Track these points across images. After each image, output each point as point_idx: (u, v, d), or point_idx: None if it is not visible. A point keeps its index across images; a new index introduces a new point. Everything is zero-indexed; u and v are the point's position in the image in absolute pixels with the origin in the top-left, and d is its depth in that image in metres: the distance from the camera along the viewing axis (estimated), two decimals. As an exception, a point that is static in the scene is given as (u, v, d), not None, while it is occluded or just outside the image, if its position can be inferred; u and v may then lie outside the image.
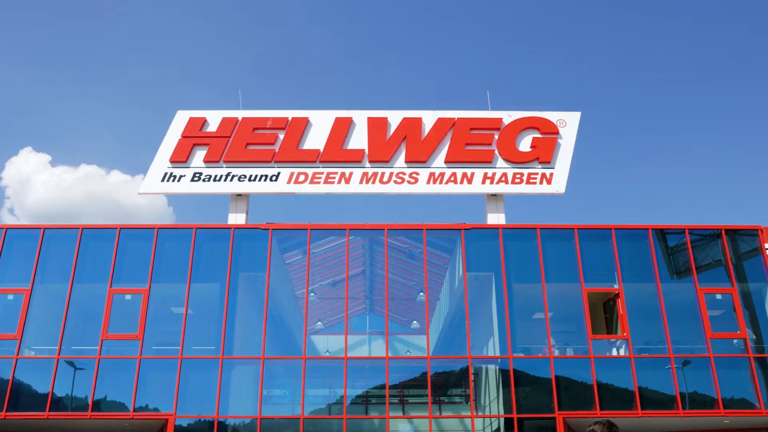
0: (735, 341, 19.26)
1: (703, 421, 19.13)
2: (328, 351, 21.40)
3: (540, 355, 19.19)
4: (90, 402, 17.82)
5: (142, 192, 20.69)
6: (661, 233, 20.35)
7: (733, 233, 20.45)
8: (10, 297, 18.77)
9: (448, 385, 20.64)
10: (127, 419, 17.95)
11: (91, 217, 63.34)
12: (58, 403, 17.88)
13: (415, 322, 22.19)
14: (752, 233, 20.41)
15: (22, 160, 64.05)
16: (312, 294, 21.14)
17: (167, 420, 17.77)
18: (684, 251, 20.14)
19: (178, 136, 20.99)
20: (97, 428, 19.29)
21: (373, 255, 22.23)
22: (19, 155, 64.50)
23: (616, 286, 19.67)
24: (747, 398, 18.56)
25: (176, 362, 18.33)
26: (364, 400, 19.78)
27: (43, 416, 17.66)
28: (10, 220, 63.08)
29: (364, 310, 23.71)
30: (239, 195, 20.76)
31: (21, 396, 18.00)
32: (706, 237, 20.46)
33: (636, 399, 18.32)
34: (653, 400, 18.54)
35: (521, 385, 18.83)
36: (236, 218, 20.58)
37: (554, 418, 18.16)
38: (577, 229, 20.13)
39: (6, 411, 17.55)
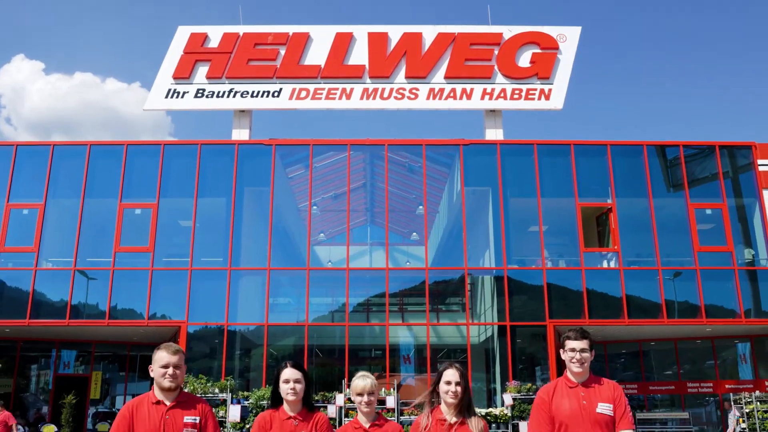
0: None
1: (686, 329, 20.18)
2: (330, 261, 22.26)
3: (533, 266, 20.03)
4: (107, 310, 18.90)
5: (147, 108, 21.03)
6: (656, 149, 20.72)
7: (727, 149, 20.82)
8: (25, 212, 19.52)
9: (445, 294, 21.63)
10: (142, 326, 19.07)
11: (88, 126, 63.41)
12: (76, 312, 18.97)
13: (414, 233, 22.93)
14: (746, 149, 20.78)
15: (14, 68, 63.51)
16: (314, 207, 21.81)
17: (180, 327, 18.88)
18: (678, 167, 20.59)
19: (180, 52, 21.09)
20: (115, 334, 20.50)
21: (373, 169, 22.73)
22: (11, 63, 63.92)
23: (609, 201, 20.25)
24: (729, 308, 19.51)
25: (186, 273, 19.25)
26: (366, 308, 20.81)
27: (63, 323, 18.79)
28: (7, 130, 63.32)
29: (365, 221, 24.40)
30: (242, 111, 21.09)
31: (42, 305, 19.07)
32: (701, 153, 20.85)
33: (624, 308, 19.27)
34: (640, 310, 19.49)
35: (515, 294, 19.76)
36: (240, 134, 21.00)
37: (545, 326, 19.17)
38: (573, 144, 20.51)
39: (29, 318, 18.68)
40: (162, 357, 4.20)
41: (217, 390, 17.01)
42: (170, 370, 4.17)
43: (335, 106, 21.03)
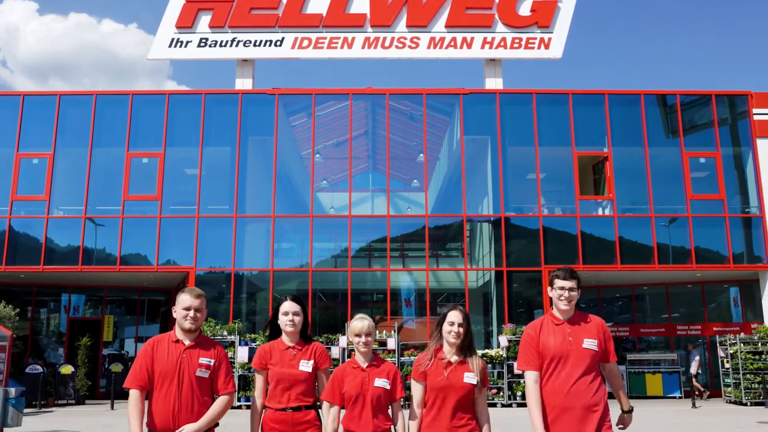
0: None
1: (677, 274, 20.85)
2: (332, 208, 22.77)
3: (530, 213, 20.58)
4: (118, 256, 19.54)
5: (151, 58, 21.20)
6: (653, 98, 21.01)
7: (723, 98, 21.09)
8: (35, 161, 19.97)
9: (445, 240, 22.21)
10: (152, 272, 19.76)
11: (86, 69, 62.85)
12: (87, 258, 19.61)
13: (415, 180, 23.39)
14: (742, 98, 21.05)
15: (7, 9, 62.63)
16: (317, 155, 22.22)
17: (188, 272, 19.56)
18: (674, 116, 20.92)
19: (183, 1, 21.17)
20: (125, 279, 21.21)
21: (375, 117, 23.04)
22: (3, 3, 62.98)
23: (605, 150, 20.66)
24: (719, 253, 20.14)
25: (193, 221, 19.83)
26: (367, 254, 21.45)
27: (76, 269, 19.46)
28: (4, 74, 62.92)
29: (366, 168, 24.80)
30: (245, 60, 21.29)
31: (54, 252, 19.71)
32: (697, 102, 21.13)
33: (617, 254, 19.89)
34: (633, 255, 20.11)
35: (512, 240, 20.37)
36: (243, 83, 21.25)
37: (540, 271, 19.85)
38: (571, 94, 20.81)
39: (43, 265, 19.35)
40: (185, 299, 4.48)
41: (225, 332, 17.81)
42: (191, 313, 4.47)
43: (337, 55, 21.22)
